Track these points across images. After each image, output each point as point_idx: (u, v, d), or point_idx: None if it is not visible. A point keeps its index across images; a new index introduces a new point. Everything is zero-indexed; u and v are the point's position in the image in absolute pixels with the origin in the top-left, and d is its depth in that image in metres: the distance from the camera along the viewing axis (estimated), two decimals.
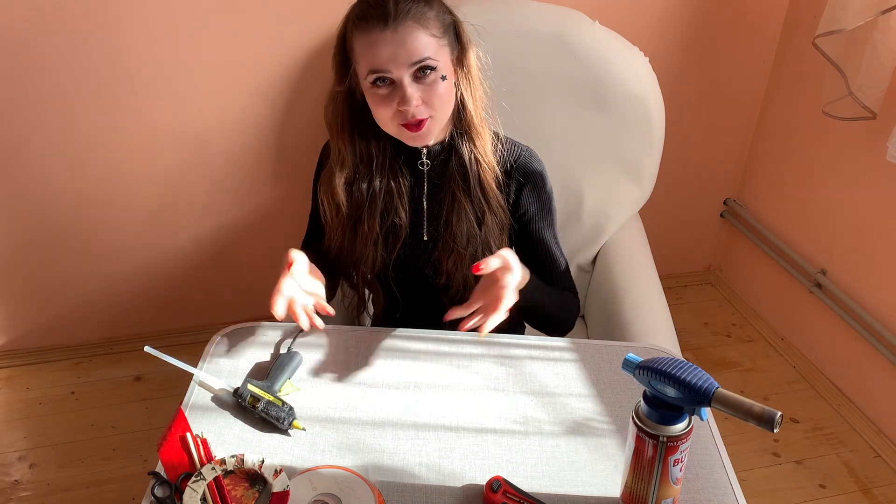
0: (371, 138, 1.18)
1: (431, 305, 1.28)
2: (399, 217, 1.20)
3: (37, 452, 1.84)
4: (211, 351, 1.13)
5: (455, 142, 1.18)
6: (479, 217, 1.20)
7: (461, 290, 1.23)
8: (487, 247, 1.20)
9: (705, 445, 1.01)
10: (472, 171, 1.18)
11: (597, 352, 1.17)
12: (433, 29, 1.07)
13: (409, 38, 1.04)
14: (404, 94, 1.06)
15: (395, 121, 1.10)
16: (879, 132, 1.81)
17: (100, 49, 1.73)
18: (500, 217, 1.21)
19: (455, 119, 1.18)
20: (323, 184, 1.22)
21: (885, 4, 1.61)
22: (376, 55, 1.05)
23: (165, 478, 0.92)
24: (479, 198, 1.19)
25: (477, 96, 1.17)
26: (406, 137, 1.12)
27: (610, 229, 1.72)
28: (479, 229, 1.20)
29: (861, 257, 1.95)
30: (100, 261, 2.02)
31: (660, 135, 1.68)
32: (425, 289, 1.27)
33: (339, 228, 1.22)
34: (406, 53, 1.05)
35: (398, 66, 1.05)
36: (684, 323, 2.33)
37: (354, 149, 1.18)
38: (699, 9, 2.01)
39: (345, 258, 1.24)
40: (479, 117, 1.17)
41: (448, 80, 1.10)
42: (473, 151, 1.18)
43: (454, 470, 0.96)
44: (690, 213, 2.40)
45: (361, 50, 1.07)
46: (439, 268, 1.23)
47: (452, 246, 1.20)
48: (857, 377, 2.01)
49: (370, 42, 1.05)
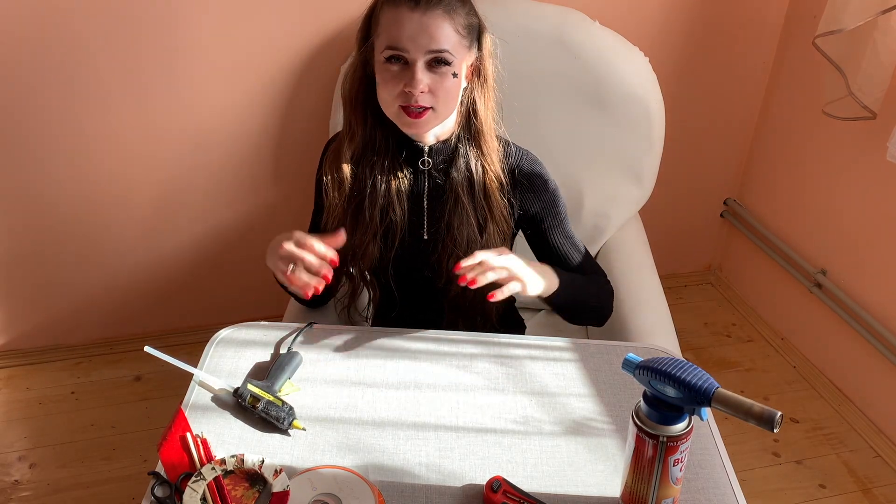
0: (380, 124, 1.18)
1: (429, 306, 1.28)
2: (395, 214, 1.20)
3: (37, 452, 1.84)
4: (211, 351, 1.13)
5: (462, 146, 1.18)
6: (482, 224, 1.20)
7: (460, 292, 1.23)
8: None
9: (705, 445, 1.01)
10: (478, 179, 1.18)
11: (597, 352, 1.17)
12: (459, 25, 1.08)
13: (433, 25, 1.06)
14: (414, 76, 1.06)
15: (398, 101, 1.09)
16: (879, 132, 1.81)
17: (100, 49, 1.73)
18: (503, 227, 1.21)
19: (464, 124, 1.18)
20: (330, 155, 1.21)
21: (885, 4, 1.61)
22: (399, 32, 1.06)
23: (165, 478, 0.92)
24: (482, 205, 1.19)
25: (490, 106, 1.17)
26: (404, 122, 1.12)
27: (610, 229, 1.72)
28: (480, 236, 1.20)
29: (861, 257, 1.95)
30: (100, 261, 2.02)
31: (660, 135, 1.68)
32: (424, 289, 1.27)
33: (339, 209, 1.20)
34: (427, 39, 1.05)
35: (416, 49, 1.06)
36: (684, 323, 2.33)
37: (365, 125, 1.17)
38: (699, 9, 2.01)
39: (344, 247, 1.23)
40: (490, 127, 1.18)
41: (458, 78, 1.11)
42: (481, 159, 1.18)
43: (454, 470, 0.96)
44: (690, 213, 2.40)
45: (386, 24, 1.07)
46: (439, 269, 1.23)
47: (452, 248, 1.20)
48: (857, 377, 2.01)
49: (397, 18, 1.06)
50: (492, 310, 1.27)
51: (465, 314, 1.27)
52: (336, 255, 1.06)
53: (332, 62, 1.84)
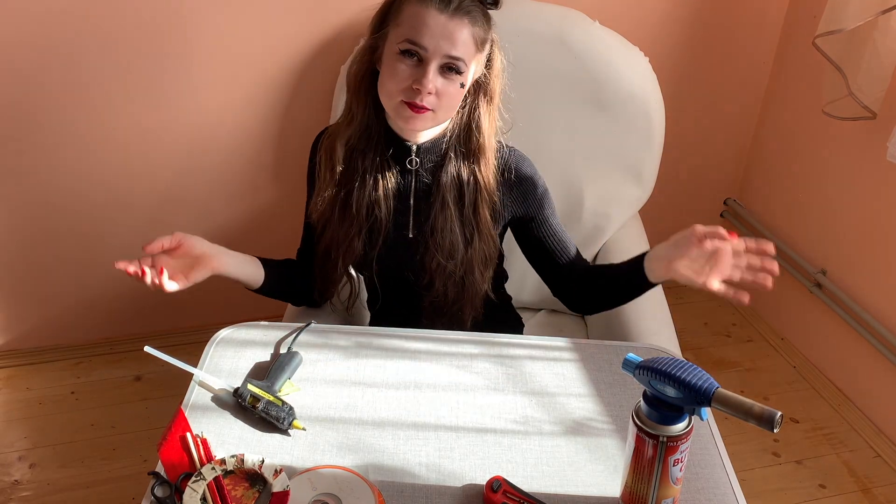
0: (376, 114, 1.17)
1: (409, 303, 1.28)
2: (380, 211, 1.19)
3: (37, 452, 1.84)
4: (211, 351, 1.13)
5: (452, 153, 1.18)
6: (468, 239, 1.20)
7: (443, 293, 1.23)
8: (470, 270, 1.21)
9: (705, 445, 1.01)
10: (469, 193, 1.18)
11: (597, 352, 1.17)
12: (478, 37, 1.09)
13: (457, 31, 1.06)
14: (426, 75, 1.06)
15: (402, 95, 1.09)
16: (879, 132, 1.81)
17: (99, 49, 1.73)
18: (489, 248, 1.21)
19: (464, 138, 1.17)
20: (326, 139, 1.21)
21: (885, 4, 1.61)
22: (422, 29, 1.05)
23: (165, 478, 0.92)
24: (470, 220, 1.19)
25: (493, 125, 1.17)
26: (403, 115, 1.11)
27: (610, 229, 1.72)
28: (465, 250, 1.19)
29: (861, 257, 1.95)
30: (100, 261, 2.02)
31: (660, 135, 1.68)
32: (405, 288, 1.27)
33: (328, 197, 1.20)
34: (448, 43, 1.06)
35: (435, 50, 1.06)
36: (684, 323, 2.33)
37: (366, 110, 1.17)
38: (699, 9, 2.01)
39: (329, 238, 1.23)
40: (491, 146, 1.18)
41: (463, 89, 1.11)
42: (477, 175, 1.18)
43: (454, 470, 0.96)
44: (690, 214, 2.40)
45: (410, 17, 1.07)
46: (421, 270, 1.23)
47: (436, 251, 1.20)
48: (857, 377, 2.01)
49: (423, 15, 1.06)
50: (468, 315, 1.26)
51: (442, 317, 1.27)
52: (174, 241, 1.13)
53: (332, 62, 1.84)
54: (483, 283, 1.23)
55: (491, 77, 1.15)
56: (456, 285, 1.22)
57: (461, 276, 1.21)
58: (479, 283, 1.22)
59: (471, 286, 1.22)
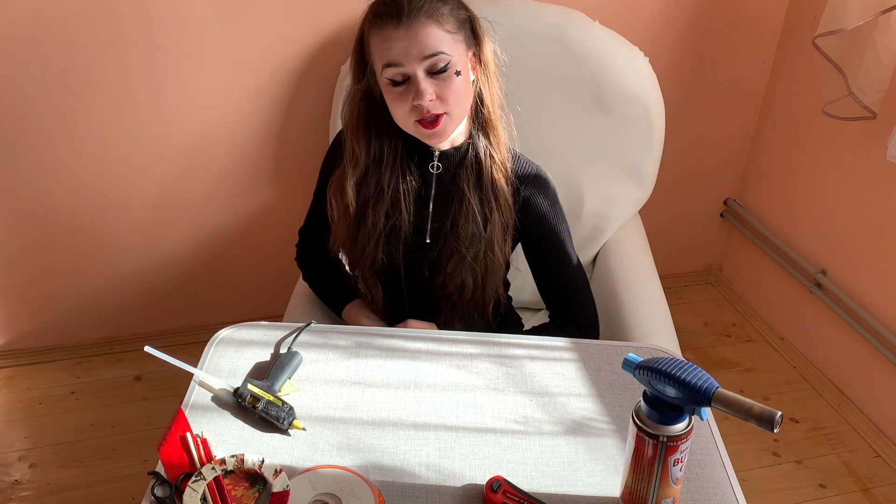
0: (385, 137, 1.19)
1: (427, 304, 1.28)
2: (401, 218, 1.20)
3: (37, 452, 1.84)
4: (211, 351, 1.13)
5: (474, 141, 1.19)
6: (487, 216, 1.20)
7: (458, 291, 1.23)
8: (490, 247, 1.21)
9: (705, 445, 1.01)
10: (486, 167, 1.19)
11: (597, 352, 1.17)
12: (447, 24, 1.08)
13: (421, 33, 1.06)
14: (418, 88, 1.07)
15: (412, 117, 1.10)
16: (879, 132, 1.81)
17: (99, 48, 1.73)
18: (506, 217, 1.22)
19: (474, 114, 1.19)
20: (334, 183, 1.22)
21: (885, 4, 1.61)
22: (390, 50, 1.07)
23: (165, 478, 0.92)
24: (488, 195, 1.20)
25: (494, 91, 1.18)
26: (423, 135, 1.13)
27: (610, 229, 1.72)
28: (484, 229, 1.20)
29: (861, 257, 1.95)
30: (100, 261, 2.02)
31: (660, 135, 1.68)
32: (421, 288, 1.27)
33: (344, 227, 1.23)
34: (418, 47, 1.06)
35: (410, 60, 1.06)
36: (684, 323, 2.33)
37: (369, 149, 1.19)
38: (699, 8, 2.01)
39: (347, 253, 1.25)
40: (496, 114, 1.18)
41: (463, 75, 1.11)
42: (488, 147, 1.19)
43: (454, 470, 0.96)
44: (690, 213, 2.40)
45: (377, 47, 1.08)
46: (439, 269, 1.23)
47: (455, 247, 1.20)
48: (857, 377, 2.01)
49: (384, 38, 1.07)
50: (489, 309, 1.27)
51: (461, 313, 1.27)
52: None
53: (332, 62, 1.84)
54: (505, 256, 1.24)
55: (480, 46, 1.15)
56: (475, 273, 1.22)
57: (483, 257, 1.21)
58: (499, 259, 1.23)
59: (492, 265, 1.23)
